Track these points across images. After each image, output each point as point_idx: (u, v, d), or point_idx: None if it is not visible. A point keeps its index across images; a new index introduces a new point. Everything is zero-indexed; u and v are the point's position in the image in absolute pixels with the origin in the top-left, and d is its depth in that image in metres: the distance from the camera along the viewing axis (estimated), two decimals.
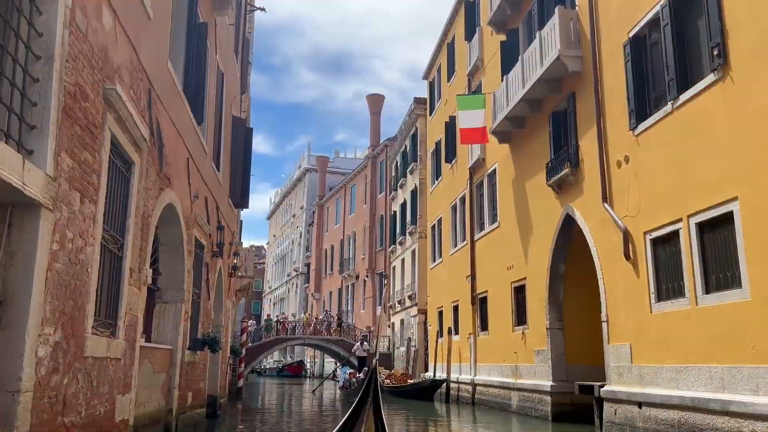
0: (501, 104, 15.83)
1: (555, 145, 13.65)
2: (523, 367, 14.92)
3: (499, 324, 16.67)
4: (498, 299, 16.79)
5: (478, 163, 18.79)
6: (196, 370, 10.50)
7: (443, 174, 23.23)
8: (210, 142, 11.51)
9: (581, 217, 12.29)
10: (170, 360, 8.90)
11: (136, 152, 6.53)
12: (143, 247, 7.05)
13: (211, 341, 10.00)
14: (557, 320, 13.62)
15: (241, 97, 17.46)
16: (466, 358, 19.28)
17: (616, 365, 10.69)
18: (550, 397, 13.29)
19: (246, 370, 30.77)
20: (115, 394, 6.10)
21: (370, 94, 43.26)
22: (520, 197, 15.55)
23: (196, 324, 10.49)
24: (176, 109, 8.54)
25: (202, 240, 10.63)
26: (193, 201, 9.71)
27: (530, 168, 14.98)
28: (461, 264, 20.19)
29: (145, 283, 7.09)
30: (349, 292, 45.18)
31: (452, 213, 21.82)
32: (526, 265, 15.05)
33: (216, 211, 12.36)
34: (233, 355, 20.32)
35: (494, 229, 17.43)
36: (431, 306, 24.69)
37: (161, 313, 9.05)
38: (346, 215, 47.23)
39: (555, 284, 13.66)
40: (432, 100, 26.01)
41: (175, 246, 9.08)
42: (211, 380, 13.22)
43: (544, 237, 14.03)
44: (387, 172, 38.72)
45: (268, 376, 50.24)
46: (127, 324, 6.44)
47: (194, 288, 10.26)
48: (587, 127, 12.21)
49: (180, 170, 8.86)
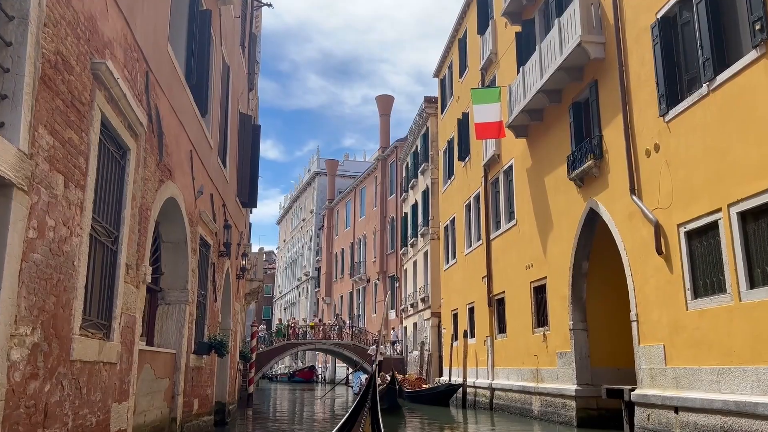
0: (517, 97, 15.23)
1: (576, 137, 13.02)
2: (544, 371, 14.25)
3: (517, 326, 16.01)
4: (516, 300, 16.15)
5: (493, 159, 18.18)
6: (202, 376, 9.95)
7: (456, 173, 22.62)
8: (215, 137, 10.99)
9: (606, 211, 11.64)
10: (174, 365, 8.36)
11: (132, 138, 5.99)
12: (142, 243, 6.51)
13: (217, 345, 9.45)
14: (581, 320, 12.96)
15: (248, 94, 16.98)
16: (483, 361, 18.62)
17: (648, 367, 10.03)
18: (575, 402, 12.62)
19: (256, 376, 30.26)
20: (110, 402, 5.55)
21: (380, 95, 42.76)
22: (539, 193, 14.91)
23: (202, 327, 9.95)
24: (178, 98, 8.02)
25: (207, 238, 10.10)
26: (198, 196, 9.17)
27: (549, 162, 14.35)
28: (476, 264, 19.56)
29: (144, 281, 6.55)
30: (360, 296, 44.58)
31: (466, 212, 21.20)
32: (546, 264, 14.40)
33: (223, 209, 11.84)
34: (243, 360, 19.79)
35: (511, 228, 16.79)
36: (445, 308, 24.05)
37: (164, 315, 8.51)
38: (357, 218, 46.69)
39: (578, 283, 13.00)
40: (443, 98, 25.43)
41: (179, 244, 8.55)
42: (219, 386, 12.68)
43: (565, 234, 13.39)
44: (397, 174, 38.15)
45: (279, 381, 49.70)
46: (123, 325, 5.89)
47: (200, 289, 9.73)
48: (611, 116, 11.58)
49: (182, 162, 8.33)
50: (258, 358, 29.76)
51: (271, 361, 34.06)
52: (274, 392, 34.23)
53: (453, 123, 22.96)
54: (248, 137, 14.77)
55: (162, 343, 8.38)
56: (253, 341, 23.16)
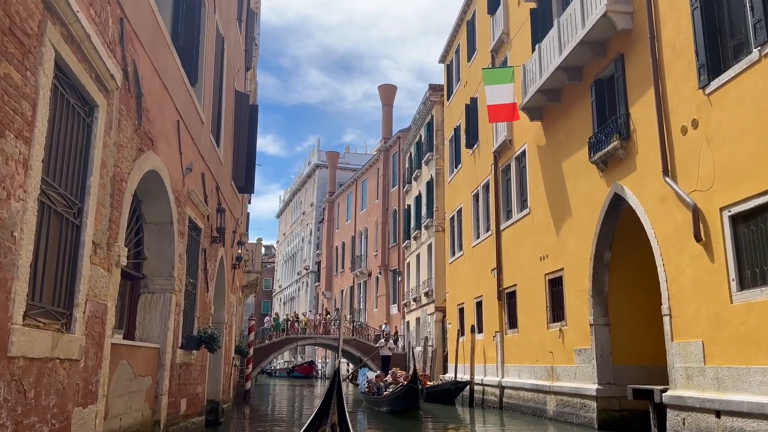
0: (533, 76, 14.26)
1: (599, 117, 12.06)
2: (560, 369, 13.33)
3: (530, 320, 15.08)
4: (529, 293, 15.21)
5: (504, 145, 17.22)
6: (191, 373, 9.02)
7: (463, 161, 21.66)
8: (208, 112, 10.03)
9: (634, 196, 10.68)
10: (157, 361, 7.42)
11: (102, 93, 5.04)
12: (115, 219, 5.56)
13: (208, 339, 8.52)
14: (602, 315, 12.03)
15: (245, 74, 16.01)
16: (491, 358, 17.70)
17: (684, 366, 9.09)
18: (596, 403, 11.70)
19: (254, 372, 29.36)
20: (71, 406, 4.61)
21: (382, 85, 41.71)
22: (556, 179, 13.96)
23: (191, 319, 9.01)
24: (162, 58, 7.06)
25: (198, 221, 9.15)
26: (186, 173, 8.22)
27: (568, 145, 13.39)
28: (485, 256, 18.62)
29: (118, 264, 5.60)
30: (362, 290, 43.68)
31: (474, 202, 20.25)
32: (563, 255, 13.46)
33: (216, 192, 10.89)
34: (240, 355, 18.88)
35: (524, 217, 15.84)
36: (450, 303, 23.13)
37: (147, 305, 7.57)
38: (358, 211, 45.73)
39: (599, 275, 12.06)
40: (450, 85, 24.45)
41: (163, 225, 7.60)
42: (212, 383, 11.75)
43: (585, 222, 12.44)
44: (400, 165, 37.19)
45: (278, 377, 48.86)
46: (90, 314, 4.95)
47: (189, 277, 8.79)
48: (640, 92, 10.61)
49: (168, 133, 7.38)
50: (256, 353, 28.81)
51: (270, 356, 33.15)
52: (273, 388, 33.35)
53: (460, 109, 21.98)
54: (245, 117, 13.81)
55: (144, 337, 7.45)
56: (250, 336, 22.24)
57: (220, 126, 11.40)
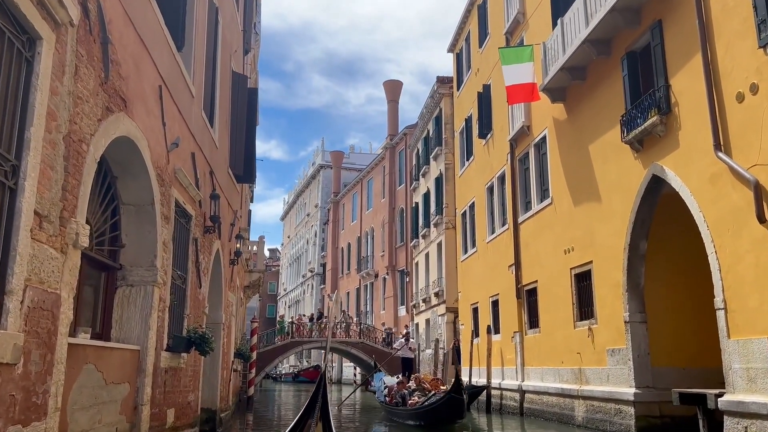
0: (555, 54, 13.14)
1: (632, 93, 10.92)
2: (590, 371, 12.17)
3: (554, 319, 13.93)
4: (552, 290, 14.05)
5: (521, 132, 16.08)
6: (181, 379, 7.91)
7: (476, 153, 20.53)
8: (199, 85, 8.95)
9: (677, 177, 9.53)
10: (137, 365, 6.32)
11: (48, 24, 3.96)
12: (72, 188, 4.47)
13: (198, 340, 7.41)
14: (638, 311, 10.86)
15: (244, 58, 14.94)
16: (510, 360, 16.54)
17: (744, 367, 7.93)
18: (633, 408, 10.53)
19: (258, 377, 28.25)
20: (2, 425, 3.51)
21: (388, 81, 40.65)
22: (581, 165, 12.82)
23: (180, 318, 7.91)
24: (139, 8, 5.98)
25: (187, 207, 8.05)
26: (171, 149, 7.13)
27: (595, 127, 12.25)
28: (501, 252, 17.48)
29: (76, 244, 4.51)
30: (368, 292, 42.54)
31: (488, 195, 19.11)
32: (591, 247, 12.31)
33: (210, 178, 9.80)
34: (241, 359, 17.77)
35: (545, 208, 14.69)
36: (463, 302, 21.98)
37: (125, 300, 6.48)
38: (363, 211, 44.63)
39: (635, 266, 10.91)
40: (460, 74, 23.33)
41: (143, 206, 6.50)
42: (208, 390, 10.66)
43: (618, 209, 11.30)
44: (407, 162, 36.08)
45: (283, 381, 47.73)
46: (32, 305, 3.85)
47: (176, 270, 7.69)
48: (683, 60, 9.48)
49: (146, 97, 6.29)
50: (260, 357, 27.78)
51: (274, 360, 32.08)
52: (278, 394, 32.22)
53: (472, 98, 20.86)
54: (243, 101, 12.73)
55: (122, 337, 6.35)
56: (253, 338, 21.13)
57: (214, 105, 10.32)
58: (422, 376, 23.26)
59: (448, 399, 12.53)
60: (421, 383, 15.17)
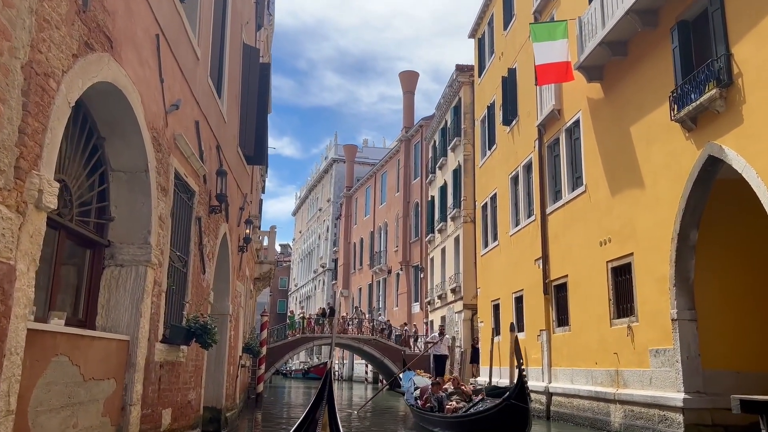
0: (592, 28, 12.08)
1: (684, 66, 9.86)
2: (629, 373, 11.12)
3: (586, 316, 12.89)
4: (585, 285, 13.01)
5: (551, 116, 15.02)
6: (180, 375, 6.99)
7: (499, 141, 19.48)
8: (205, 48, 8.02)
9: (739, 157, 8.47)
10: (125, 358, 5.39)
11: None
12: (33, 132, 3.53)
13: (199, 330, 6.48)
14: (687, 308, 9.81)
15: (257, 34, 14.02)
16: (535, 360, 15.51)
17: None
18: (682, 416, 9.48)
19: (268, 373, 27.42)
20: None
21: (404, 71, 39.61)
22: (621, 148, 11.76)
23: (179, 305, 6.99)
24: None
25: (189, 181, 7.12)
26: (170, 110, 6.20)
27: (638, 106, 11.20)
28: (527, 245, 16.44)
29: (40, 205, 3.57)
30: (381, 288, 41.59)
31: (512, 186, 18.08)
32: (632, 237, 11.25)
33: (217, 153, 8.87)
34: (250, 354, 16.89)
35: (578, 197, 13.64)
36: (482, 299, 20.95)
37: (113, 283, 5.55)
38: (377, 205, 43.67)
39: (684, 258, 9.85)
40: (481, 60, 22.28)
41: (136, 174, 5.58)
42: (213, 387, 9.75)
43: (665, 195, 10.24)
44: (423, 155, 35.07)
45: (293, 378, 46.99)
46: None
47: (175, 251, 6.77)
48: (748, 25, 8.41)
49: (139, 43, 5.35)
50: (269, 352, 26.93)
51: (284, 357, 31.21)
52: (288, 391, 31.38)
53: (495, 84, 19.82)
54: (254, 77, 11.79)
55: (109, 325, 5.43)
56: (263, 333, 20.24)
57: (222, 74, 9.39)
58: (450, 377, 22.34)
59: (507, 407, 9.37)
60: (460, 385, 13.13)
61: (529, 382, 15.60)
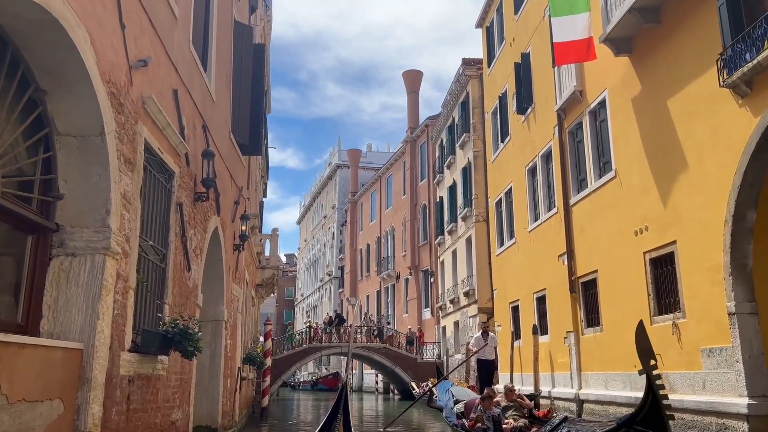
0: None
1: (734, 24, 8.65)
2: (676, 376, 9.86)
3: (621, 314, 11.63)
4: (618, 280, 11.77)
5: (572, 99, 13.83)
6: (158, 391, 5.79)
7: (513, 132, 18.30)
8: (185, 8, 6.88)
9: None
10: (77, 372, 4.21)
11: None
12: None
13: (178, 336, 5.26)
14: (747, 300, 8.55)
15: (250, 16, 12.91)
16: (562, 364, 14.24)
17: None
18: (746, 424, 8.21)
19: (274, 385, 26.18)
20: None
21: (407, 71, 38.53)
22: (658, 126, 10.55)
23: (156, 307, 5.80)
24: None
25: (166, 158, 5.95)
26: (136, 65, 5.04)
27: (676, 77, 10.00)
28: (548, 241, 15.22)
29: None
30: (389, 295, 40.34)
31: (529, 178, 16.87)
32: (675, 223, 10.02)
33: (203, 133, 7.72)
34: (253, 365, 15.68)
35: (606, 183, 12.42)
36: (499, 301, 19.71)
37: (62, 277, 4.38)
38: (383, 210, 42.51)
39: (740, 243, 8.60)
40: (491, 49, 21.14)
41: (87, 138, 4.42)
42: (206, 404, 8.55)
43: (713, 173, 9.02)
44: (429, 155, 33.92)
45: (302, 390, 45.63)
46: None
47: (148, 240, 5.59)
48: None
49: None
50: (275, 364, 25.72)
51: (292, 367, 30.02)
52: (296, 404, 30.08)
53: (506, 72, 18.68)
54: (248, 57, 10.66)
55: (57, 330, 4.25)
56: (267, 343, 19.03)
57: (208, 46, 8.25)
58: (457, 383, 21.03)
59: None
60: (515, 397, 10.62)
61: (555, 388, 14.52)
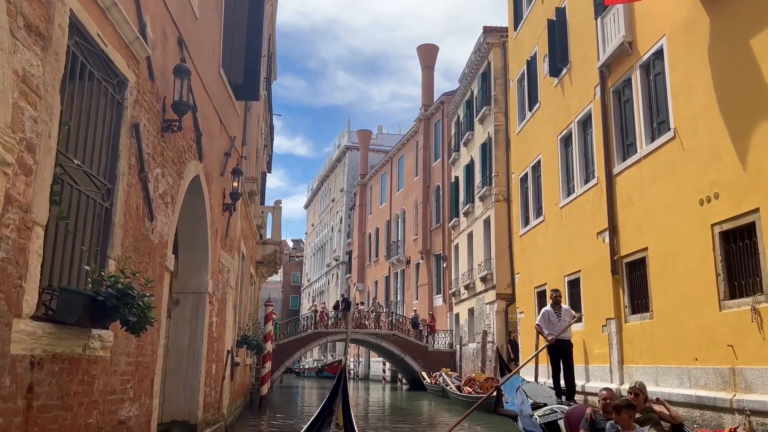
0: None
1: None
2: (753, 372, 8.13)
3: (678, 299, 9.90)
4: (675, 258, 10.02)
5: (619, 53, 12.00)
6: (95, 379, 4.10)
7: (543, 99, 16.48)
8: None
9: None
10: None
11: None
12: None
13: (114, 299, 3.57)
14: None
15: None
16: (600, 356, 12.54)
17: None
18: None
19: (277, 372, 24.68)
20: None
21: (422, 45, 36.57)
22: (734, 74, 8.75)
23: (97, 262, 4.11)
24: None
25: (111, 54, 4.23)
26: None
27: (761, 12, 8.19)
28: (585, 217, 13.46)
29: None
30: (399, 280, 38.70)
31: (562, 148, 15.08)
32: (756, 188, 8.24)
33: (178, 47, 6.00)
34: (250, 349, 14.06)
35: (662, 146, 10.63)
36: (522, 286, 18.00)
37: None
38: (393, 192, 40.78)
39: None
40: (517, 10, 19.25)
41: None
42: (182, 395, 6.90)
43: None
44: (444, 134, 32.11)
45: (306, 377, 44.24)
46: None
47: (75, 161, 3.90)
48: None
49: None
50: (279, 348, 24.21)
51: (295, 354, 28.47)
52: (300, 391, 28.58)
53: (537, 32, 16.83)
54: None
55: None
56: (268, 326, 17.44)
57: None
58: (473, 375, 19.42)
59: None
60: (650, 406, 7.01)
61: (589, 383, 12.80)
